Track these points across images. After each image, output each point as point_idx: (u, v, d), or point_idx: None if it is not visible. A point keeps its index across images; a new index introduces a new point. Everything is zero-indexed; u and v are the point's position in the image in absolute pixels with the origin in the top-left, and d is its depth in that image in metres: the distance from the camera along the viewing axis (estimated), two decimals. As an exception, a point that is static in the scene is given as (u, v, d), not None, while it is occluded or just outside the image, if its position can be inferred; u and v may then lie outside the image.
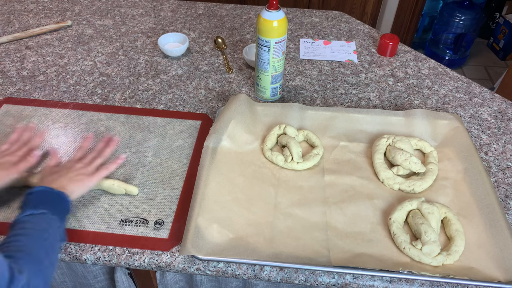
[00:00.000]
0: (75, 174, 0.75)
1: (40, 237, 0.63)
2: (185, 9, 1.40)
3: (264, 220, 0.76)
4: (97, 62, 1.15)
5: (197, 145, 0.90)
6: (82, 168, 0.78)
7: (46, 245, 0.62)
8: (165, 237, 0.73)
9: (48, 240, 0.63)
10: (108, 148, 0.84)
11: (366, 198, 0.80)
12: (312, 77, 1.12)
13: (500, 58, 2.77)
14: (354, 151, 0.90)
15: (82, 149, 0.84)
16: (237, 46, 1.23)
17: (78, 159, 0.81)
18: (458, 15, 2.49)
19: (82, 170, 0.77)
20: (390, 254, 0.71)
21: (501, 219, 0.73)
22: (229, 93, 1.05)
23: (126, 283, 0.84)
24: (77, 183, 0.74)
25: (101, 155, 0.82)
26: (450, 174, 0.84)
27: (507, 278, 0.67)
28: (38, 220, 0.65)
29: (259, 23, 0.89)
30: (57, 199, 0.69)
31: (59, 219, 0.67)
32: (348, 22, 1.36)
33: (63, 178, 0.73)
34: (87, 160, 0.80)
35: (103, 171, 0.79)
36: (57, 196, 0.70)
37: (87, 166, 0.78)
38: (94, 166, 0.79)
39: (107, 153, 0.83)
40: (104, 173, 0.79)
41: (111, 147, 0.85)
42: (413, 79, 1.12)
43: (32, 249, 0.60)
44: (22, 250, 0.59)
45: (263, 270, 0.70)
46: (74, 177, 0.75)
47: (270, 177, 0.84)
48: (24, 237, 0.61)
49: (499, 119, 1.00)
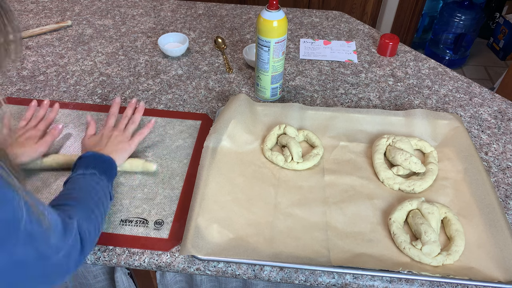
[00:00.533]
0: (115, 143, 0.80)
1: (90, 191, 0.68)
2: (185, 9, 1.40)
3: (264, 220, 0.76)
4: (97, 62, 1.15)
5: (197, 145, 0.90)
6: (120, 135, 0.82)
7: (95, 198, 0.68)
8: (165, 237, 0.73)
9: (98, 195, 0.68)
10: (137, 114, 0.88)
11: (366, 198, 0.80)
12: (312, 77, 1.12)
13: (500, 58, 2.77)
14: (354, 151, 0.90)
15: (114, 115, 0.87)
16: (237, 46, 1.23)
17: (112, 126, 0.85)
18: (458, 15, 2.49)
19: (120, 138, 0.82)
20: (390, 254, 0.71)
21: (501, 219, 0.73)
22: (229, 93, 1.05)
23: (126, 283, 0.84)
24: (120, 150, 0.80)
25: (132, 120, 0.87)
26: (450, 174, 0.84)
27: (507, 278, 0.67)
28: (88, 178, 0.70)
29: (259, 23, 0.89)
30: (105, 162, 0.75)
31: (107, 180, 0.72)
32: (348, 22, 1.36)
33: (107, 148, 0.78)
34: (121, 126, 0.85)
35: (138, 136, 0.84)
36: (106, 160, 0.75)
37: (123, 133, 0.83)
38: (129, 132, 0.85)
39: (137, 118, 0.87)
40: (140, 138, 0.84)
41: (140, 112, 0.89)
42: (413, 79, 1.12)
43: (82, 199, 0.66)
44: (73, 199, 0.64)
45: (263, 270, 0.70)
46: (115, 146, 0.80)
47: (270, 177, 0.84)
48: (76, 190, 0.67)
49: (499, 119, 1.00)
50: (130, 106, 0.90)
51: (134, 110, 0.90)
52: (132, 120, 0.87)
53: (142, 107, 0.89)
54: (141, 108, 0.89)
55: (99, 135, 0.83)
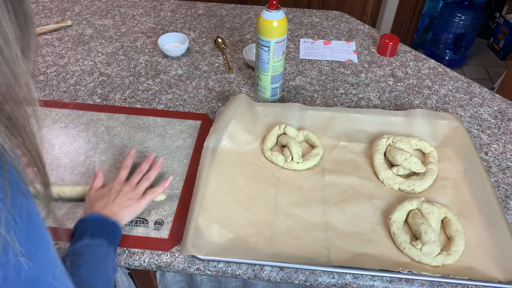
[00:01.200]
0: (124, 200, 0.73)
1: (97, 269, 0.61)
2: (185, 9, 1.40)
3: (264, 220, 0.76)
4: (97, 62, 1.15)
5: (197, 145, 0.90)
6: (130, 192, 0.74)
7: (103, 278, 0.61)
8: (165, 237, 0.73)
9: (105, 272, 0.62)
10: (153, 170, 0.80)
11: (366, 198, 0.80)
12: (312, 77, 1.12)
13: (500, 58, 2.77)
14: (354, 151, 0.90)
15: (127, 167, 0.80)
16: (237, 46, 1.23)
17: (124, 179, 0.78)
18: (458, 15, 2.49)
19: (129, 195, 0.74)
20: (390, 254, 0.71)
21: (501, 219, 0.73)
22: (229, 93, 1.05)
23: (126, 283, 0.84)
24: (127, 209, 0.72)
25: (147, 177, 0.79)
26: (450, 174, 0.84)
27: (507, 278, 0.67)
28: (94, 251, 0.63)
29: (259, 23, 0.89)
30: (110, 228, 0.68)
31: (113, 250, 0.66)
32: (348, 22, 1.36)
33: (113, 205, 0.71)
34: (133, 181, 0.77)
35: (150, 195, 0.76)
36: (111, 225, 0.68)
37: (134, 189, 0.76)
38: (141, 189, 0.76)
39: (153, 175, 0.80)
40: (152, 197, 0.76)
41: (157, 168, 0.81)
42: (413, 79, 1.12)
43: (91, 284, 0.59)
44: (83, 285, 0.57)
45: (263, 270, 0.70)
46: (123, 203, 0.72)
47: (270, 177, 0.84)
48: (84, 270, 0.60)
49: (499, 119, 1.00)
50: (147, 161, 0.82)
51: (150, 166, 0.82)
52: (147, 177, 0.79)
53: (160, 164, 0.82)
54: (159, 165, 0.82)
55: (108, 188, 0.75)
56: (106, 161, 0.86)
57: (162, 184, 0.78)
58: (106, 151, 0.88)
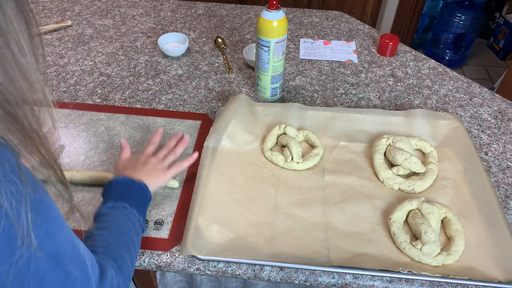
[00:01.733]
0: (151, 169, 0.75)
1: (120, 231, 0.63)
2: (185, 9, 1.40)
3: (264, 220, 0.76)
4: (97, 62, 1.15)
5: (197, 145, 0.90)
6: (157, 163, 0.77)
7: (126, 240, 0.63)
8: (165, 237, 0.73)
9: (129, 235, 0.64)
10: (179, 147, 0.83)
11: (366, 198, 0.80)
12: (312, 77, 1.12)
13: (500, 58, 2.77)
14: (354, 151, 0.90)
15: (154, 144, 0.83)
16: (237, 46, 1.23)
17: (151, 154, 0.80)
18: (458, 15, 2.49)
19: (157, 165, 0.77)
20: (390, 254, 0.71)
21: (501, 219, 0.73)
22: (229, 93, 1.05)
23: (126, 283, 0.84)
24: (154, 178, 0.74)
25: (173, 152, 0.82)
26: (450, 174, 0.84)
27: (507, 278, 0.67)
28: (119, 213, 0.65)
29: (259, 23, 0.89)
30: (138, 190, 0.70)
31: (138, 211, 0.67)
32: (348, 22, 1.36)
33: (141, 172, 0.73)
34: (160, 155, 0.80)
35: (176, 167, 0.79)
36: (139, 187, 0.70)
37: (161, 161, 0.78)
38: (168, 162, 0.79)
39: (179, 151, 0.82)
40: (178, 169, 0.79)
41: (183, 145, 0.84)
42: (413, 79, 1.12)
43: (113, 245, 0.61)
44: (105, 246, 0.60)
45: (263, 270, 0.70)
46: (150, 172, 0.75)
47: (270, 177, 0.84)
48: (106, 232, 0.62)
49: (499, 119, 1.00)
50: (175, 138, 0.85)
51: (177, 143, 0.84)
52: (174, 152, 0.82)
53: (186, 140, 0.84)
54: (186, 142, 0.84)
55: (134, 160, 0.77)
56: (106, 161, 0.86)
57: (188, 158, 0.81)
58: (106, 151, 0.88)
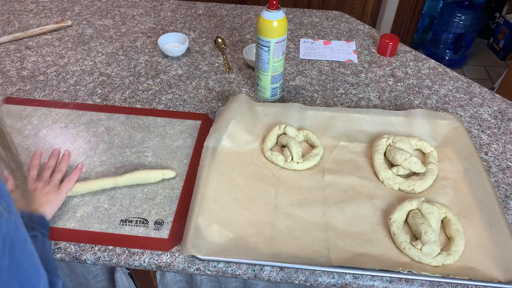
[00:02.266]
0: (42, 195, 0.72)
1: None
2: (185, 9, 1.40)
3: (264, 220, 0.76)
4: (97, 62, 1.15)
5: (197, 145, 0.90)
6: (45, 186, 0.74)
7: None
8: (165, 237, 0.73)
9: None
10: (63, 163, 0.81)
11: (366, 198, 0.80)
12: (312, 77, 1.12)
13: (500, 58, 2.77)
14: (354, 151, 0.90)
15: (34, 167, 0.79)
16: (237, 46, 1.23)
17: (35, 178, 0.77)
18: (458, 15, 2.49)
19: (46, 189, 0.73)
20: (390, 254, 0.71)
21: (501, 219, 0.73)
22: (229, 93, 1.05)
23: (126, 283, 0.84)
24: (48, 204, 0.71)
25: (58, 169, 0.79)
26: (450, 174, 0.84)
27: (507, 278, 0.67)
28: None
29: (259, 23, 0.89)
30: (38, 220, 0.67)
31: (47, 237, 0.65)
32: (348, 22, 1.36)
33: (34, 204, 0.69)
34: (45, 176, 0.77)
35: (67, 183, 0.76)
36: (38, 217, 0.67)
37: (49, 183, 0.75)
38: (56, 181, 0.76)
39: (64, 166, 0.80)
40: (69, 185, 0.76)
41: (66, 160, 0.82)
42: (413, 79, 1.12)
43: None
44: None
45: (263, 270, 0.70)
46: (42, 199, 0.71)
47: (270, 177, 0.84)
48: None
49: (499, 119, 1.00)
50: (53, 156, 0.82)
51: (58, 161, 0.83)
52: (58, 169, 0.79)
53: (67, 156, 0.82)
54: (67, 157, 0.82)
55: None
56: (106, 161, 0.86)
57: (75, 171, 0.79)
58: (106, 151, 0.88)
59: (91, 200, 0.79)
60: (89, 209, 0.77)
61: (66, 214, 0.76)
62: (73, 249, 0.72)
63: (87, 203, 0.78)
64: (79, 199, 0.79)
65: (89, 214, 0.76)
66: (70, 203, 0.78)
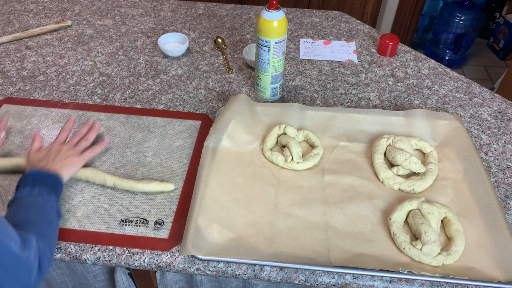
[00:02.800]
0: (64, 157, 0.77)
1: (39, 211, 0.65)
2: (185, 9, 1.40)
3: (264, 220, 0.76)
4: (97, 62, 1.15)
5: (197, 145, 0.90)
6: (69, 150, 0.79)
7: (46, 218, 0.65)
8: (165, 237, 0.73)
9: (48, 216, 0.66)
10: (91, 133, 0.86)
11: (366, 198, 0.80)
12: (312, 77, 1.12)
13: (500, 58, 2.77)
14: (354, 151, 0.90)
15: (66, 131, 0.85)
16: (237, 46, 1.23)
17: (63, 141, 0.83)
18: (458, 15, 2.49)
19: (70, 152, 0.79)
20: (390, 254, 0.71)
21: (501, 219, 0.73)
22: (229, 93, 1.05)
23: (126, 283, 0.84)
24: (68, 166, 0.76)
25: (85, 138, 0.84)
26: (450, 174, 0.84)
27: (507, 278, 0.67)
28: (35, 197, 0.67)
29: (259, 23, 0.89)
30: (52, 180, 0.71)
31: (55, 198, 0.69)
32: (348, 22, 1.36)
33: (54, 163, 0.75)
34: (72, 142, 0.82)
35: (89, 152, 0.82)
36: (53, 178, 0.72)
37: (74, 148, 0.81)
38: (80, 148, 0.82)
39: (91, 137, 0.85)
40: (91, 154, 0.82)
41: (94, 131, 0.87)
42: (413, 79, 1.12)
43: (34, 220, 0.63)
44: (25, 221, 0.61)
45: (263, 270, 0.70)
46: (64, 160, 0.76)
47: (270, 177, 0.84)
48: (25, 211, 0.64)
49: (499, 119, 1.00)
50: (86, 125, 0.88)
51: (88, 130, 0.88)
52: (86, 138, 0.85)
53: (97, 127, 0.88)
54: (97, 128, 0.88)
55: (47, 149, 0.79)
56: (106, 161, 0.86)
57: (101, 143, 0.84)
58: (106, 151, 0.88)
59: (91, 200, 0.79)
60: (89, 209, 0.77)
61: (66, 214, 0.76)
62: (73, 249, 0.72)
63: (87, 203, 0.78)
64: (78, 199, 0.79)
65: (89, 214, 0.76)
66: (70, 203, 0.78)
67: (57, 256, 0.71)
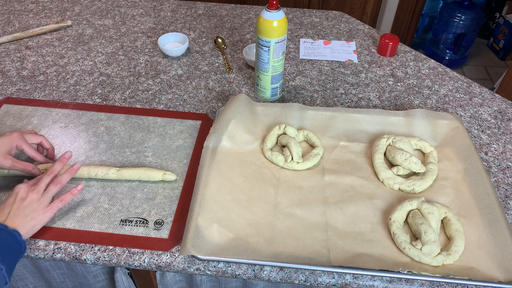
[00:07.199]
0: (28, 211, 0.69)
1: None
2: (185, 9, 1.40)
3: (264, 220, 0.76)
4: (97, 62, 1.15)
5: (197, 145, 0.90)
6: (36, 201, 0.70)
7: None
8: (165, 237, 0.73)
9: None
10: (66, 175, 0.75)
11: (366, 198, 0.80)
12: (312, 77, 1.12)
13: (500, 58, 2.77)
14: (354, 151, 0.90)
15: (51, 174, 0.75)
16: (237, 46, 1.23)
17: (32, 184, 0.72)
18: (458, 15, 2.49)
19: (35, 205, 0.69)
20: (390, 254, 0.71)
21: (501, 219, 0.73)
22: (229, 93, 1.05)
23: (126, 283, 0.84)
24: (31, 222, 0.69)
25: (57, 181, 0.73)
26: (450, 174, 0.84)
27: (507, 278, 0.67)
28: None
29: (259, 23, 0.89)
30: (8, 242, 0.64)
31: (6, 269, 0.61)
32: (348, 22, 1.36)
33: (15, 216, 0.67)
34: (41, 186, 0.72)
35: (58, 203, 0.72)
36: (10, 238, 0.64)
37: (42, 197, 0.71)
38: (48, 197, 0.72)
39: (65, 180, 0.74)
40: (59, 206, 0.72)
41: (71, 173, 0.76)
42: (413, 79, 1.12)
43: None
44: None
45: (263, 270, 0.70)
46: (28, 215, 0.68)
47: (270, 177, 0.84)
48: None
49: (499, 119, 1.00)
50: (61, 161, 0.76)
51: None
52: (58, 181, 0.73)
53: (76, 168, 0.76)
54: (74, 170, 0.76)
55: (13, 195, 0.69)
56: (106, 161, 0.86)
57: (72, 191, 0.74)
58: (106, 151, 0.88)
59: (91, 200, 0.79)
60: (89, 209, 0.77)
61: (66, 214, 0.76)
62: (73, 249, 0.72)
63: (87, 203, 0.78)
64: (78, 199, 0.79)
65: (89, 214, 0.76)
66: (70, 203, 0.78)
67: (57, 256, 0.71)
